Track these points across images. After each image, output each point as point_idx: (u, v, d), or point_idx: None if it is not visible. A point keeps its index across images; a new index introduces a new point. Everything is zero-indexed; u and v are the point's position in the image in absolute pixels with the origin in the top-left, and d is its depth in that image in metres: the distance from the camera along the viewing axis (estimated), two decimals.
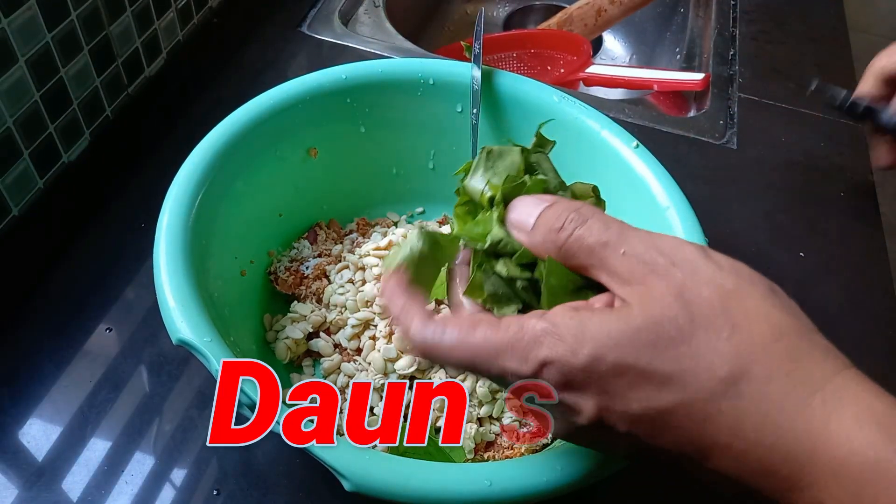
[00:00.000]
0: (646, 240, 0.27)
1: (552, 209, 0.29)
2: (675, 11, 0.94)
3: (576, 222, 0.28)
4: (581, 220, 0.28)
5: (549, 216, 0.28)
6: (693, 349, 0.25)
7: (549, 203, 0.29)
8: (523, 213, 0.29)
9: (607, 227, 0.27)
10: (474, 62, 0.51)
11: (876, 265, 0.60)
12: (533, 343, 0.26)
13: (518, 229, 0.30)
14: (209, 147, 0.43)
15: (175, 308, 0.35)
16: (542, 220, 0.29)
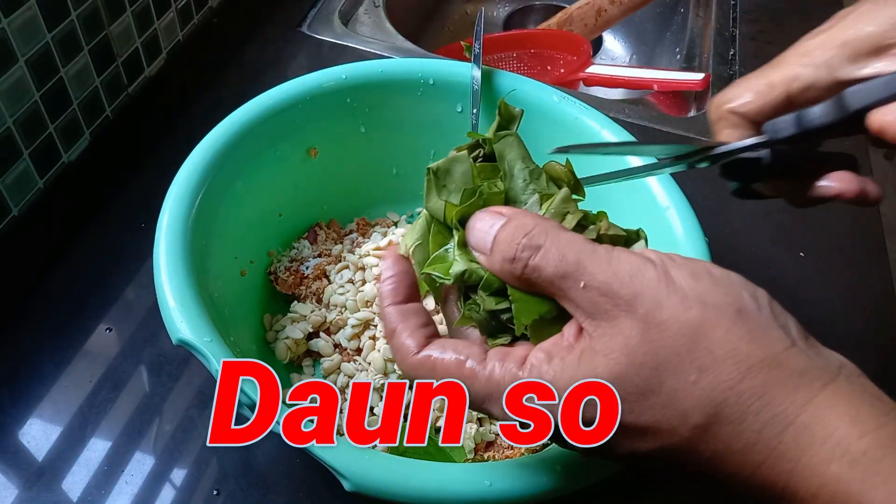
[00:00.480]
0: (605, 268, 0.26)
1: (505, 232, 0.27)
2: (675, 11, 0.94)
3: (529, 250, 0.26)
4: (534, 248, 0.26)
5: (502, 242, 0.27)
6: (663, 398, 0.25)
7: (503, 221, 0.28)
8: (479, 235, 0.28)
9: (563, 258, 0.26)
10: (474, 62, 0.51)
11: (876, 265, 0.60)
12: None
13: (478, 252, 0.28)
14: (209, 147, 0.43)
15: (175, 308, 0.35)
16: (496, 246, 0.27)
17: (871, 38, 0.31)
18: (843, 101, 0.30)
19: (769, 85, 0.33)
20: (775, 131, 0.32)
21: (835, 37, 0.32)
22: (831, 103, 0.30)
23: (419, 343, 0.28)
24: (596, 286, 0.25)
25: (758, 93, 0.34)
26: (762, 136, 0.32)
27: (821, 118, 0.31)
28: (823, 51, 0.32)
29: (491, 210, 0.29)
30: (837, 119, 0.30)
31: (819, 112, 0.31)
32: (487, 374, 0.27)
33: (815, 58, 0.32)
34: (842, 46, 0.31)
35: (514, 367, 0.27)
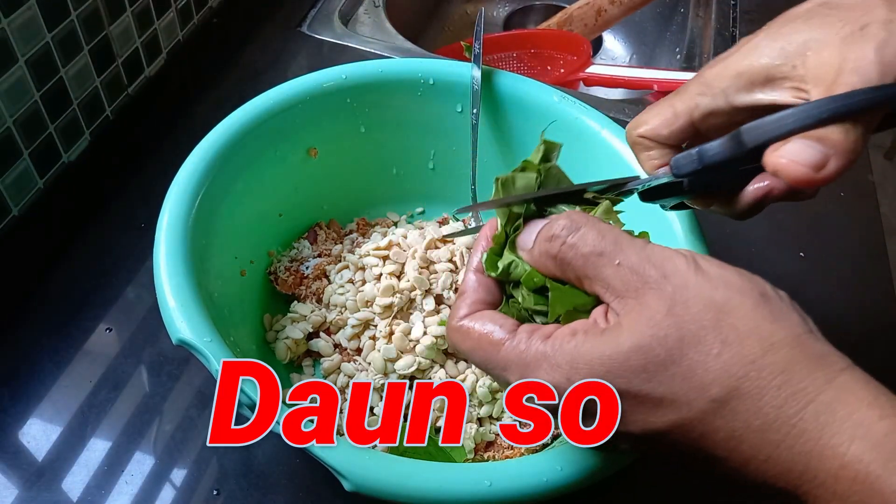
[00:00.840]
0: (639, 251, 0.27)
1: (549, 223, 0.30)
2: (675, 11, 0.94)
3: (568, 230, 0.28)
4: (574, 227, 0.28)
5: (544, 229, 0.30)
6: (683, 369, 0.25)
7: (547, 221, 0.30)
8: (526, 233, 0.31)
9: (602, 237, 0.28)
10: (474, 62, 0.51)
11: (876, 266, 0.60)
12: (533, 366, 0.28)
13: (522, 249, 0.31)
14: (209, 147, 0.43)
15: (175, 308, 0.35)
16: (540, 234, 0.30)
17: (763, 70, 0.32)
18: (739, 137, 0.30)
19: (674, 113, 0.35)
20: (678, 167, 0.33)
21: (731, 66, 0.33)
22: (729, 139, 0.31)
23: (466, 313, 0.31)
24: (629, 265, 0.27)
25: (664, 120, 0.35)
26: (667, 172, 0.34)
27: (719, 154, 0.31)
28: (720, 80, 0.33)
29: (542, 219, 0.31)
30: (736, 155, 0.31)
31: (717, 148, 0.31)
32: (515, 343, 0.28)
33: (713, 87, 0.34)
34: (737, 77, 0.33)
35: (539, 341, 0.28)
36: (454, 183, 0.54)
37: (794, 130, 0.29)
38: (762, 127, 0.30)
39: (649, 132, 0.36)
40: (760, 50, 0.32)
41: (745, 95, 0.33)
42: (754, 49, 0.32)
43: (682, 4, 0.93)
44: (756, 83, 0.32)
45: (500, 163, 0.53)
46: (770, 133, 0.29)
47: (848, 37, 0.29)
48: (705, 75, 0.34)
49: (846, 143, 0.29)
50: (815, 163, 0.29)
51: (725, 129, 0.33)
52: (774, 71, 0.32)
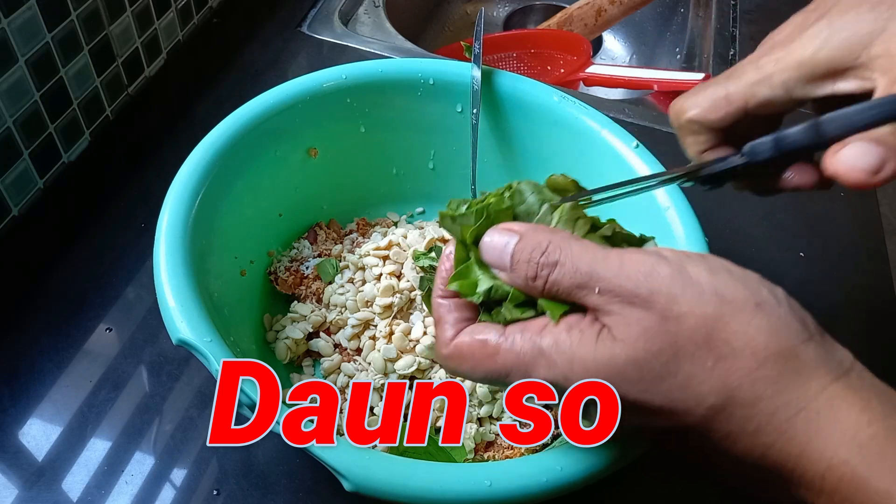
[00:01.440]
0: (618, 272, 0.27)
1: (521, 250, 0.28)
2: (675, 11, 0.94)
3: (548, 268, 0.28)
4: (552, 265, 0.28)
5: (521, 262, 0.28)
6: (680, 381, 0.26)
7: (516, 239, 0.29)
8: (495, 253, 0.29)
9: (576, 271, 0.27)
10: (474, 62, 0.51)
11: (876, 265, 0.60)
12: (531, 364, 0.28)
13: (498, 269, 0.30)
14: (209, 147, 0.43)
15: (175, 308, 0.35)
16: (516, 265, 0.29)
17: (826, 63, 0.31)
18: (819, 127, 0.30)
19: (727, 98, 0.34)
20: (754, 154, 0.32)
21: (791, 56, 0.32)
22: (808, 128, 0.31)
23: (452, 334, 0.30)
24: (610, 289, 0.27)
25: (716, 105, 0.34)
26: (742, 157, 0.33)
27: (798, 142, 0.31)
28: (780, 72, 0.32)
29: (502, 227, 0.30)
30: (813, 144, 0.31)
31: (796, 136, 0.31)
32: (509, 345, 0.28)
33: (773, 79, 0.32)
34: (798, 68, 0.32)
35: (534, 336, 0.28)
36: (454, 183, 0.54)
37: (876, 122, 0.28)
38: (843, 118, 0.29)
39: (699, 116, 0.34)
40: (823, 38, 0.31)
41: (808, 88, 0.32)
42: (816, 37, 0.31)
43: (682, 4, 0.93)
44: (818, 76, 0.32)
45: (501, 163, 0.53)
46: (852, 124, 0.29)
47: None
48: (762, 63, 0.33)
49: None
50: (872, 167, 0.29)
51: (776, 115, 0.34)
52: (838, 63, 0.31)
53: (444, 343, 0.30)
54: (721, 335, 0.25)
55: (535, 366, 0.27)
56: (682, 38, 0.91)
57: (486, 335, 0.29)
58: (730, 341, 0.25)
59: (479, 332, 0.29)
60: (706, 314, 0.26)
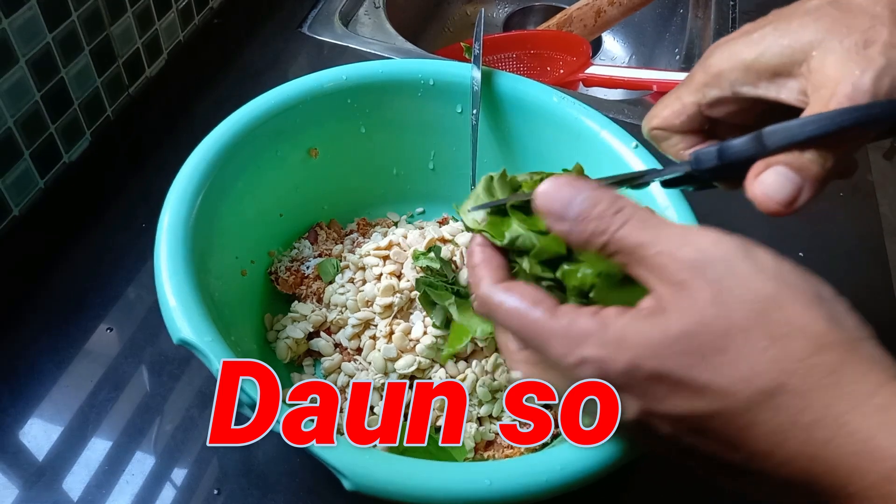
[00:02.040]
0: (682, 237, 0.26)
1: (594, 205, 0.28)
2: (675, 12, 0.94)
3: (617, 223, 0.27)
4: (621, 222, 0.27)
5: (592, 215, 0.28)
6: (730, 358, 0.24)
7: (586, 193, 0.28)
8: (557, 199, 0.28)
9: (645, 227, 0.27)
10: (474, 63, 0.51)
11: (876, 265, 0.60)
12: (579, 340, 0.27)
13: (557, 219, 0.29)
14: (210, 147, 0.43)
15: (176, 308, 0.35)
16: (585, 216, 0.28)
17: (769, 65, 0.32)
18: (761, 139, 0.31)
19: (682, 104, 0.36)
20: (698, 161, 0.33)
21: (737, 56, 0.33)
22: (751, 140, 0.32)
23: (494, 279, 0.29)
24: (670, 252, 0.26)
25: (673, 111, 0.36)
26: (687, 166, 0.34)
27: (740, 153, 0.32)
28: (727, 72, 0.34)
29: (567, 180, 0.29)
30: (756, 154, 0.31)
31: (738, 147, 0.32)
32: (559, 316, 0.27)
33: (720, 79, 0.34)
34: (743, 69, 0.33)
35: (586, 316, 0.27)
36: (454, 183, 0.55)
37: (814, 137, 0.30)
38: (784, 131, 0.30)
39: (662, 124, 0.37)
40: (767, 43, 0.32)
41: (751, 88, 0.33)
42: (761, 40, 0.32)
43: (682, 5, 0.93)
44: (762, 77, 0.33)
45: (500, 163, 0.53)
46: (791, 138, 0.30)
47: (851, 50, 0.30)
48: (710, 64, 0.34)
49: (821, 173, 0.30)
50: (787, 199, 0.30)
51: (735, 113, 0.35)
52: (780, 68, 0.32)
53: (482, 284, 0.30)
54: (777, 316, 0.24)
55: (582, 341, 0.26)
56: (681, 39, 0.91)
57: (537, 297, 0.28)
58: (787, 323, 0.24)
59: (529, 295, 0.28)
60: (765, 292, 0.25)
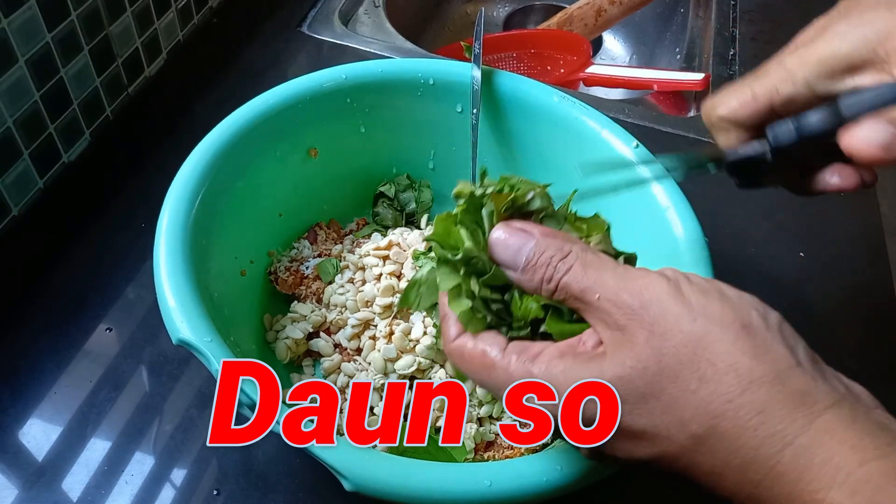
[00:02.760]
0: (619, 283, 0.27)
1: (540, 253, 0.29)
2: (675, 11, 0.94)
3: (562, 271, 0.29)
4: (566, 269, 0.29)
5: (539, 263, 0.29)
6: (663, 403, 0.25)
7: (534, 242, 0.30)
8: (508, 252, 0.30)
9: (585, 275, 0.28)
10: (474, 62, 0.51)
11: (876, 265, 0.60)
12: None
13: (507, 268, 0.30)
14: (209, 147, 0.43)
15: (175, 308, 0.35)
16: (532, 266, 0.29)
17: (846, 58, 0.32)
18: (838, 109, 0.31)
19: (753, 97, 0.35)
20: (776, 138, 0.33)
21: (813, 54, 0.33)
22: (827, 112, 0.32)
23: (457, 332, 0.31)
24: (609, 298, 0.27)
25: (743, 103, 0.35)
26: (764, 143, 0.34)
27: (818, 126, 0.32)
28: (801, 68, 0.34)
29: (516, 226, 0.30)
30: (833, 126, 0.32)
31: (816, 120, 0.32)
32: (504, 364, 0.29)
33: (796, 75, 0.34)
34: (818, 64, 0.33)
35: (528, 362, 0.28)
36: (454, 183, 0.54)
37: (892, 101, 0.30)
38: (861, 99, 0.31)
39: (729, 114, 0.36)
40: (842, 37, 0.32)
41: (829, 83, 0.33)
42: (835, 36, 0.33)
43: (682, 4, 0.93)
44: (838, 71, 0.33)
45: (501, 163, 0.53)
46: (869, 105, 0.30)
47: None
48: (786, 62, 0.34)
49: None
50: (886, 143, 0.30)
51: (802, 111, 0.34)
52: (857, 58, 0.32)
53: (447, 339, 0.31)
54: (705, 355, 0.25)
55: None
56: (681, 38, 0.91)
57: (486, 346, 0.30)
58: (714, 362, 0.25)
59: (483, 341, 0.30)
60: (692, 332, 0.25)
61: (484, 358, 0.29)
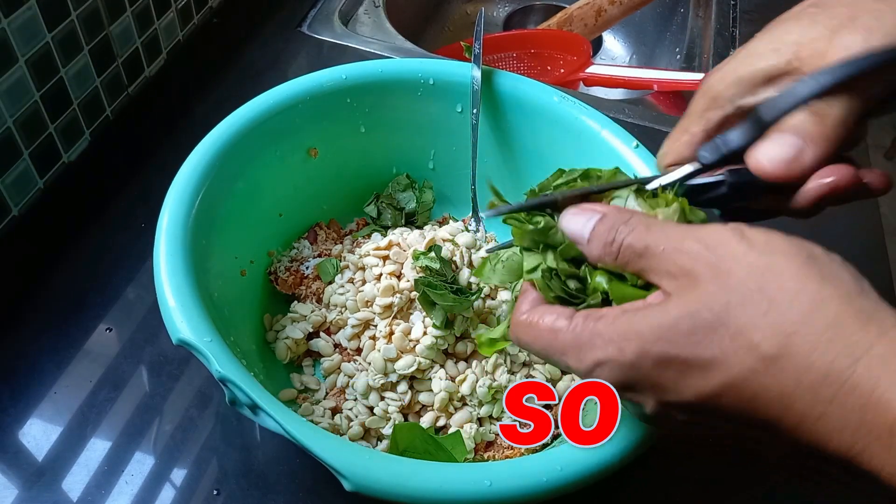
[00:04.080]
0: (683, 233, 0.28)
1: (603, 223, 0.30)
2: (675, 11, 0.94)
3: (623, 233, 0.29)
4: (628, 230, 0.29)
5: (601, 231, 0.30)
6: (732, 330, 0.25)
7: (600, 216, 0.30)
8: (576, 226, 0.31)
9: (649, 230, 0.29)
10: (474, 62, 0.51)
11: (876, 265, 0.60)
12: (588, 345, 0.28)
13: (576, 241, 0.31)
14: (209, 147, 0.43)
15: (175, 308, 0.35)
16: (596, 234, 0.30)
17: (762, 72, 0.33)
18: (758, 116, 0.32)
19: (690, 135, 0.36)
20: (703, 158, 0.34)
21: (731, 73, 0.34)
22: (748, 122, 0.32)
23: (528, 307, 0.31)
24: (674, 246, 0.28)
25: (683, 144, 0.36)
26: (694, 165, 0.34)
27: (741, 137, 0.32)
28: (725, 90, 0.34)
29: (585, 206, 0.32)
30: (757, 134, 0.32)
31: (739, 132, 0.32)
32: (572, 327, 0.29)
33: (719, 98, 0.35)
34: (738, 83, 0.34)
35: (593, 321, 0.28)
36: (454, 183, 0.55)
37: (807, 98, 0.30)
38: (777, 102, 0.31)
39: (676, 159, 0.37)
40: (758, 53, 0.33)
41: (752, 97, 0.34)
42: (751, 54, 0.34)
43: (682, 4, 0.93)
44: (758, 84, 0.33)
45: (501, 163, 0.53)
46: (786, 106, 0.30)
47: (837, 28, 0.31)
48: (707, 87, 0.35)
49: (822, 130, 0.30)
50: (788, 156, 0.31)
51: None
52: (772, 70, 0.33)
53: (519, 311, 0.32)
54: (774, 281, 0.25)
55: (590, 346, 0.28)
56: (681, 38, 0.91)
57: (555, 315, 0.30)
58: (783, 286, 0.25)
59: (549, 313, 0.30)
60: (757, 263, 0.26)
61: (553, 325, 0.30)
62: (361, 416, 0.44)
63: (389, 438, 0.42)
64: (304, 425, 0.32)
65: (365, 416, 0.44)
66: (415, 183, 0.56)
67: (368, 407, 0.44)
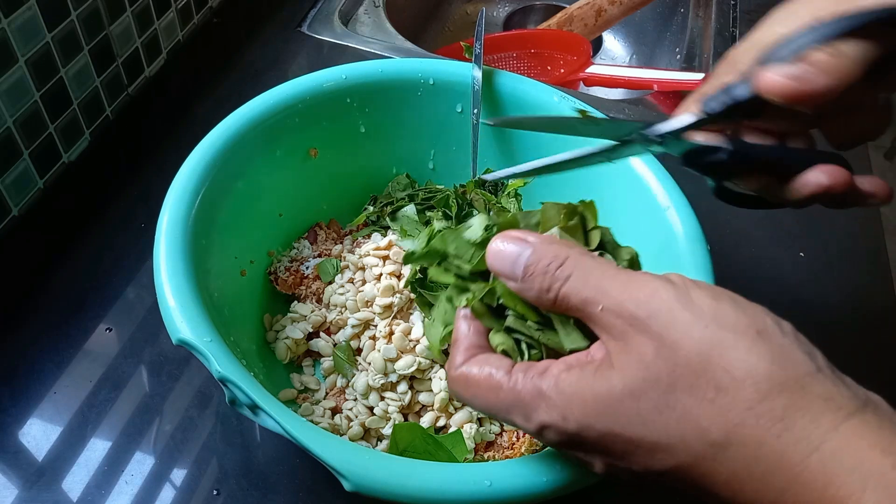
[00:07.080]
0: (622, 292, 0.26)
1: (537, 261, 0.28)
2: (675, 11, 0.94)
3: (560, 280, 0.28)
4: (564, 277, 0.27)
5: (535, 274, 0.28)
6: (678, 414, 0.24)
7: (531, 250, 0.29)
8: (506, 262, 0.29)
9: (586, 284, 0.27)
10: (475, 62, 0.51)
11: (876, 265, 0.60)
12: (532, 405, 0.27)
13: (507, 279, 0.29)
14: (209, 147, 0.43)
15: (175, 308, 0.35)
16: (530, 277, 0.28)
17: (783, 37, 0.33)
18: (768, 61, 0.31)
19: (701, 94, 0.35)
20: (707, 106, 0.33)
21: (754, 43, 0.34)
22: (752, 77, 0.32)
23: (462, 360, 0.30)
24: (612, 308, 0.26)
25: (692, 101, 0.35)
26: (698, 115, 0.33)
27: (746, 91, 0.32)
28: (744, 56, 0.34)
29: (513, 235, 0.29)
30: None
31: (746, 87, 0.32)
32: (512, 384, 0.28)
33: (738, 64, 0.34)
34: (756, 46, 0.34)
35: (536, 378, 0.27)
36: (454, 183, 0.54)
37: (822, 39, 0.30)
38: (783, 52, 0.31)
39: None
40: (778, 21, 0.33)
41: None
42: (775, 23, 0.33)
43: (682, 4, 0.93)
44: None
45: (501, 163, 0.53)
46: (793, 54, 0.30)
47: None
48: (730, 56, 0.35)
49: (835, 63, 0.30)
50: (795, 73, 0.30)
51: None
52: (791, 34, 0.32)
53: (453, 366, 0.30)
54: (721, 363, 0.24)
55: (535, 407, 0.27)
56: (682, 38, 0.91)
57: (492, 369, 0.29)
58: (729, 370, 0.24)
59: (487, 365, 0.29)
60: (704, 339, 0.24)
61: (490, 380, 0.29)
62: (361, 416, 0.44)
63: (389, 438, 0.42)
64: (303, 425, 0.32)
65: (365, 416, 0.44)
66: (415, 183, 0.55)
67: (368, 407, 0.44)
